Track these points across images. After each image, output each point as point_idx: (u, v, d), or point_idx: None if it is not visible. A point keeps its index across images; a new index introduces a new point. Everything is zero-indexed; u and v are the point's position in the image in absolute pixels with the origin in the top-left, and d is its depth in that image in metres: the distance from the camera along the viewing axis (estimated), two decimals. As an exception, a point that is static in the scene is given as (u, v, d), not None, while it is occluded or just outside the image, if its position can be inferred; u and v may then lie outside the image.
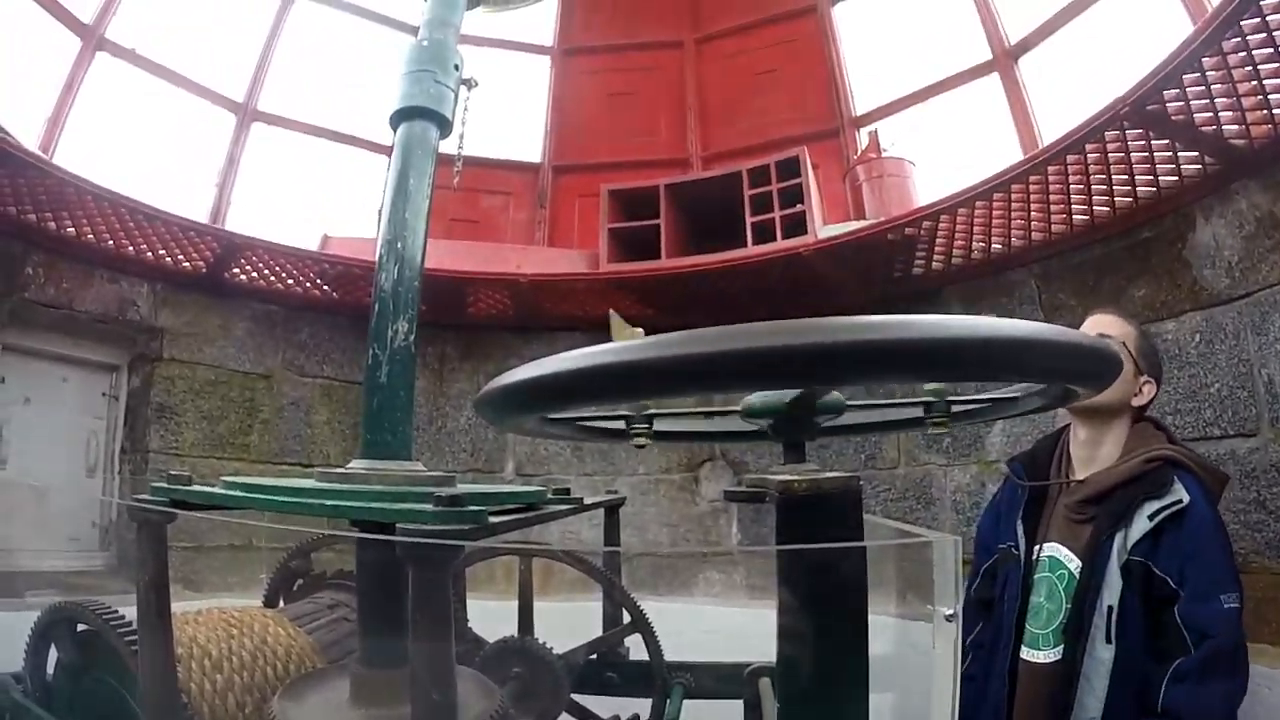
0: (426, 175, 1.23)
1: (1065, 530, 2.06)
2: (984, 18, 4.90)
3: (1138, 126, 2.98)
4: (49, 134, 4.45)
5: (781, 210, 4.46)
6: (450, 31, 1.33)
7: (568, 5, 6.26)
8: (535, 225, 6.01)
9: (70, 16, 4.58)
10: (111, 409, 4.31)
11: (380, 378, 1.15)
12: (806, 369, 0.69)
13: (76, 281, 4.01)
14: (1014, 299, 3.90)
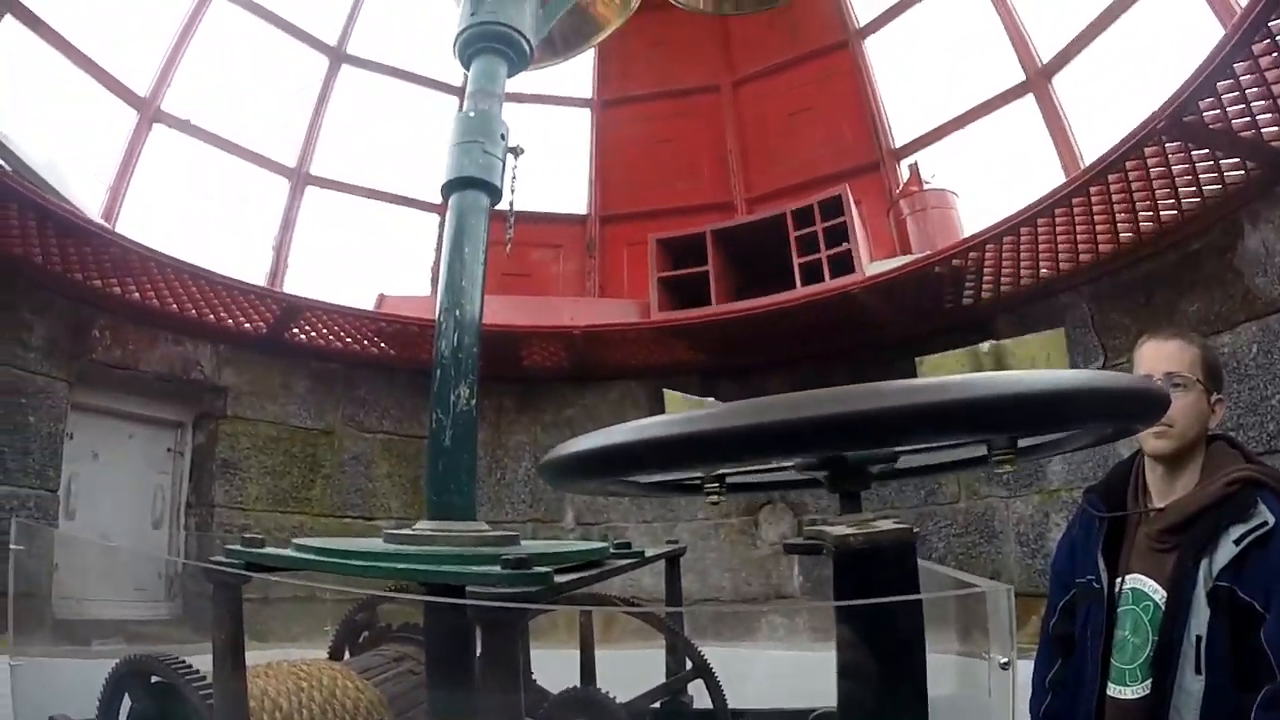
0: (480, 243, 1.28)
1: (1148, 560, 1.99)
2: (1014, 39, 4.89)
3: (1176, 139, 2.95)
4: (111, 202, 4.69)
5: (828, 250, 4.49)
6: (494, 101, 1.38)
7: (604, 57, 6.39)
8: (585, 275, 6.11)
9: (127, 91, 4.85)
10: (177, 464, 4.46)
11: (444, 441, 1.19)
12: (853, 436, 0.71)
13: (142, 343, 4.20)
14: (1067, 322, 3.83)
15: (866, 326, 4.36)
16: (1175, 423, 1.82)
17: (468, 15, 1.47)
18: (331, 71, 5.89)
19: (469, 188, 1.32)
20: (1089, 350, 3.74)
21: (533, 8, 1.50)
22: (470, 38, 1.45)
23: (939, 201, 4.78)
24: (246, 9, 5.45)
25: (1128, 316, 3.59)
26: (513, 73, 1.46)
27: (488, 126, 1.35)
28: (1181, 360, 1.99)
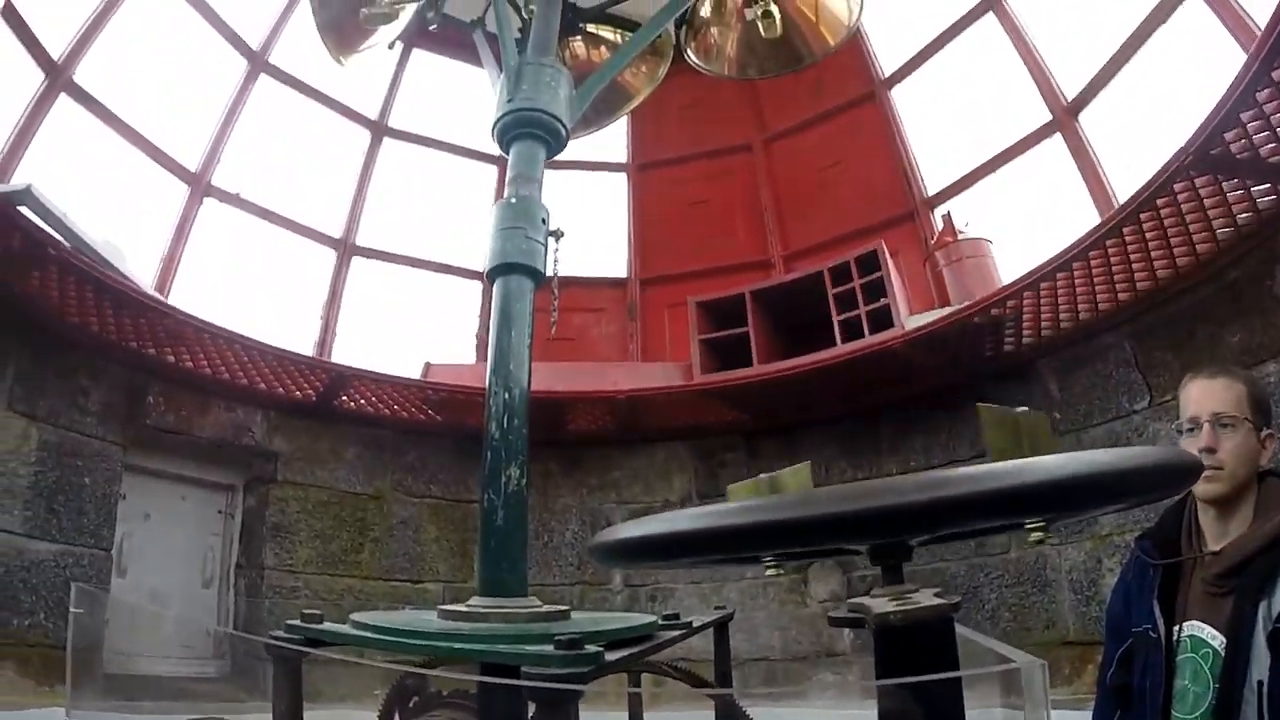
0: (526, 328, 1.34)
1: (1205, 606, 1.94)
2: (1038, 78, 4.93)
3: (1204, 173, 2.94)
4: (164, 273, 4.89)
5: (866, 305, 4.55)
6: (535, 187, 1.44)
7: (638, 121, 6.53)
8: (627, 338, 6.18)
9: (179, 166, 5.09)
10: (227, 526, 4.56)
11: (496, 520, 1.23)
12: (895, 527, 0.74)
13: (195, 409, 4.34)
14: (1109, 362, 3.81)
15: (908, 379, 4.37)
16: (1225, 464, 1.79)
17: (504, 101, 1.54)
18: (374, 144, 6.13)
19: (513, 273, 1.37)
20: (1134, 390, 3.69)
21: (567, 91, 1.57)
22: (508, 124, 1.52)
23: (974, 251, 4.78)
24: (291, 86, 5.72)
25: (1171, 352, 3.54)
26: (550, 156, 1.53)
27: (529, 212, 1.41)
28: (1227, 399, 1.94)
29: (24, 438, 3.58)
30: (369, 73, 6.02)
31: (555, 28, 1.73)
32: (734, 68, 2.60)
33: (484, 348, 5.87)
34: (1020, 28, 5.08)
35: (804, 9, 2.41)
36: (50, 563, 3.54)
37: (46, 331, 3.70)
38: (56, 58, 4.42)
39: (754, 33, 2.31)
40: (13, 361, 3.59)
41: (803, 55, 2.46)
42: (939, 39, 5.62)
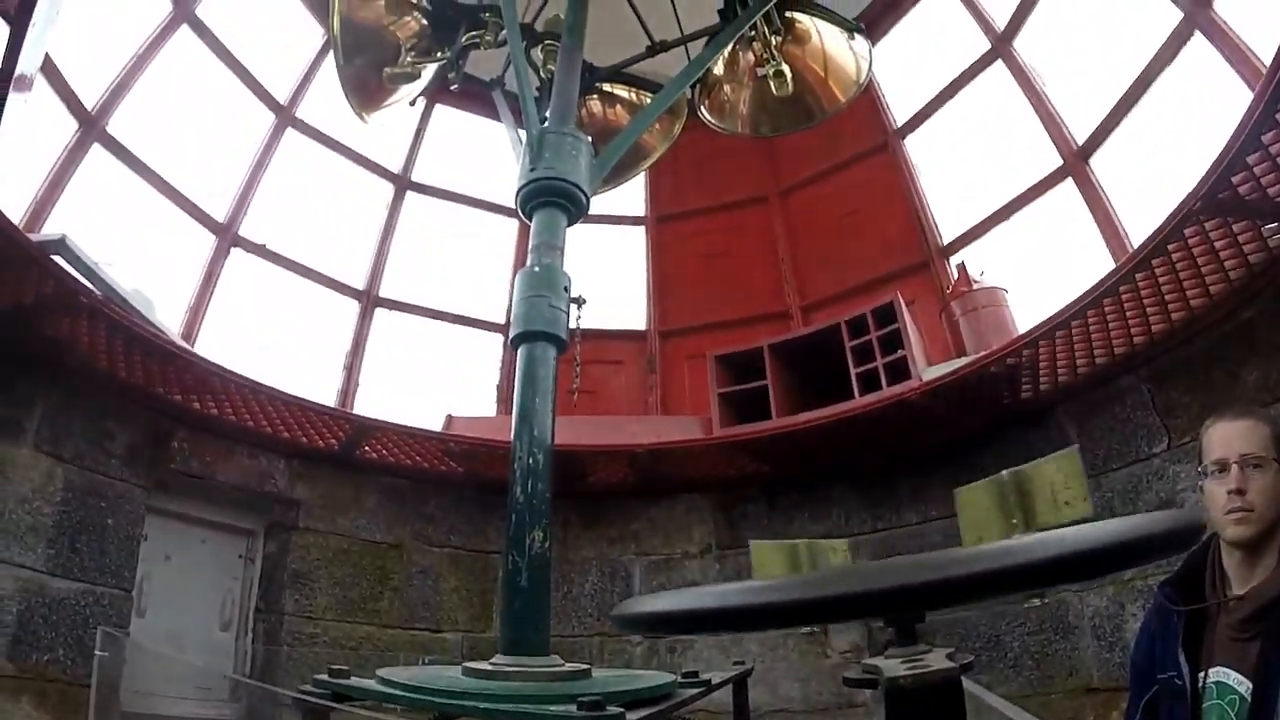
0: (549, 394, 1.39)
1: (1231, 651, 1.91)
2: (1047, 124, 4.98)
3: (1214, 216, 2.96)
4: (191, 320, 4.99)
5: (884, 357, 4.58)
6: (557, 255, 1.50)
7: (655, 174, 6.61)
8: (647, 390, 6.23)
9: (207, 217, 5.22)
10: (247, 570, 4.58)
11: (520, 582, 1.27)
12: (908, 604, 0.78)
13: (218, 455, 4.39)
14: (1127, 406, 3.79)
15: (926, 429, 4.38)
16: (1254, 505, 1.76)
17: (527, 170, 1.61)
18: (397, 197, 6.28)
19: (537, 340, 1.42)
20: (1152, 433, 3.67)
21: (587, 159, 1.63)
22: (531, 192, 1.58)
23: (989, 300, 4.80)
24: (317, 140, 5.88)
25: (1188, 394, 3.54)
26: (571, 223, 1.59)
27: (552, 280, 1.46)
28: (1254, 439, 1.88)
29: (49, 477, 3.64)
30: (393, 127, 6.20)
31: (575, 97, 1.81)
32: (747, 125, 2.67)
33: (505, 400, 5.95)
34: (1029, 74, 5.15)
35: (814, 67, 2.48)
36: (71, 601, 3.58)
37: (75, 375, 3.78)
38: (90, 108, 4.57)
39: (766, 91, 2.37)
40: (41, 403, 3.67)
41: (814, 112, 2.53)
42: (950, 87, 5.72)
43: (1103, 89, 4.61)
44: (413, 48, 2.26)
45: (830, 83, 2.50)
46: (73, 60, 4.35)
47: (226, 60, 5.41)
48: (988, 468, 4.21)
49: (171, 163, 5.01)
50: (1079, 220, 4.66)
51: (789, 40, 2.39)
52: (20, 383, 3.62)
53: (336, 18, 2.07)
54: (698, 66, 2.06)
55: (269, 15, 5.80)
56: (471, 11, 2.34)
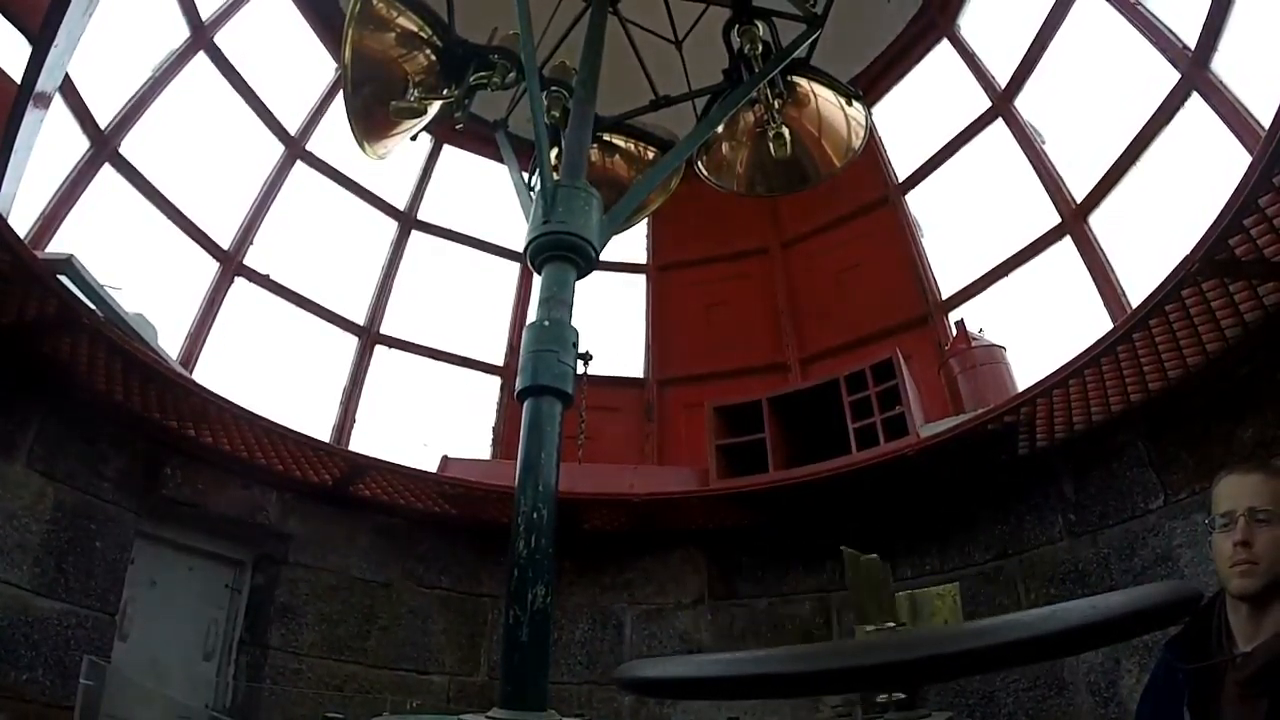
0: (554, 449, 1.39)
1: (1240, 710, 1.87)
2: (1047, 183, 5.06)
3: (1211, 277, 2.99)
4: (191, 347, 4.98)
5: (882, 413, 4.60)
6: (566, 310, 1.51)
7: (658, 223, 6.71)
8: (644, 438, 6.22)
9: (213, 244, 5.25)
10: (233, 601, 4.52)
11: (521, 636, 1.26)
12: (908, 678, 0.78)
13: (211, 484, 4.35)
14: (1124, 462, 3.80)
15: (923, 485, 4.40)
16: (1261, 559, 1.74)
17: (539, 222, 1.63)
18: (402, 235, 6.32)
19: (545, 395, 1.43)
20: (1149, 489, 3.68)
21: (598, 215, 1.65)
22: (542, 245, 1.60)
23: (987, 358, 4.84)
24: (325, 174, 5.95)
25: (1185, 450, 3.54)
26: (581, 276, 1.60)
27: (561, 336, 1.47)
28: (1263, 493, 1.85)
29: (40, 496, 3.60)
30: (400, 166, 6.29)
31: (586, 150, 1.84)
32: (743, 185, 2.71)
33: (501, 443, 5.94)
34: (1029, 132, 5.25)
35: (813, 130, 2.53)
36: (54, 621, 3.53)
37: (72, 395, 3.76)
38: (104, 127, 4.61)
39: (764, 151, 2.41)
40: (36, 420, 3.64)
41: (809, 175, 2.58)
42: (951, 144, 5.82)
43: (1102, 148, 4.70)
44: (420, 83, 2.28)
45: (827, 147, 2.54)
46: (89, 77, 4.39)
47: (240, 89, 5.50)
48: (983, 523, 4.23)
49: (180, 187, 5.05)
50: (1077, 277, 4.72)
51: (789, 103, 2.44)
52: (17, 399, 3.59)
53: (349, 47, 2.10)
54: (706, 129, 2.10)
55: (284, 45, 5.91)
56: (481, 52, 2.38)
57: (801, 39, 2.20)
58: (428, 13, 2.31)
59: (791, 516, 4.78)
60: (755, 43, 2.30)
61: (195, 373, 4.78)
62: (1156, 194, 4.44)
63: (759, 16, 2.31)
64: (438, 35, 2.33)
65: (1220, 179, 2.96)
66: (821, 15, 2.17)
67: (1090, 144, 4.87)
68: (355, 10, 2.10)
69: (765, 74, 2.22)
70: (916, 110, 6.21)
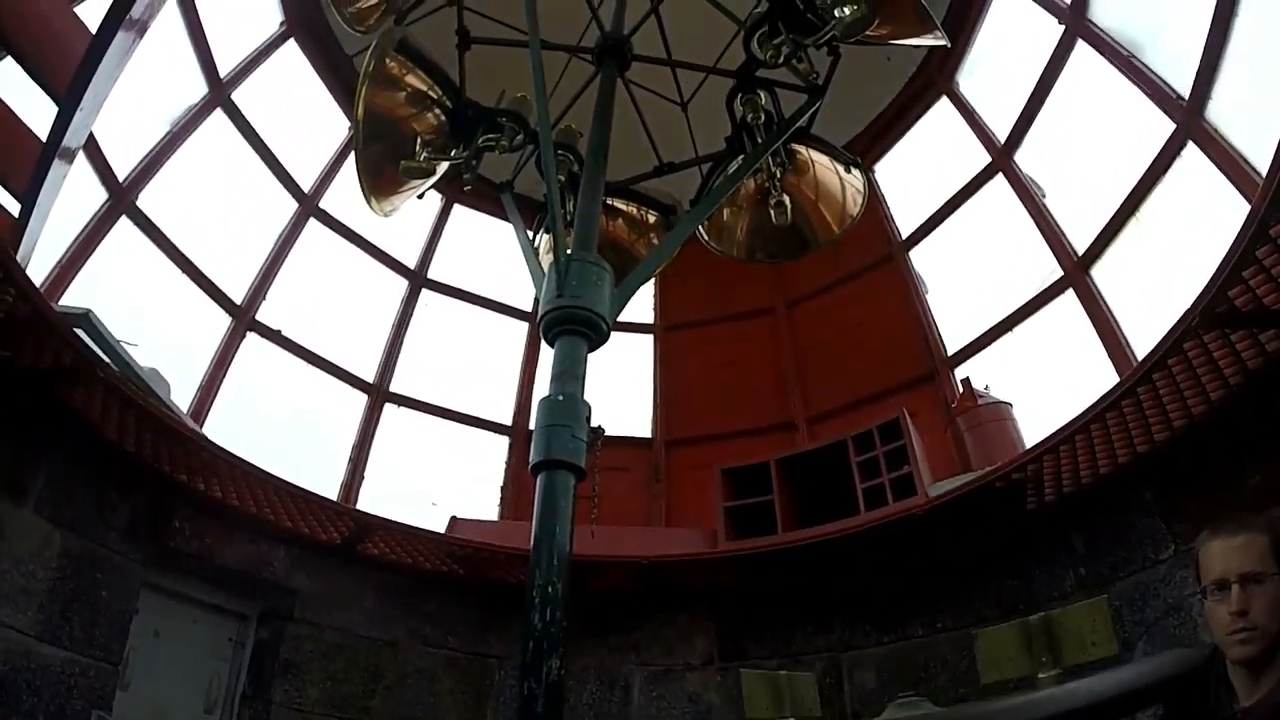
0: (568, 523, 1.41)
1: None
2: (1048, 236, 5.12)
3: (1212, 329, 3.01)
4: (202, 400, 5.02)
5: (889, 473, 4.61)
6: (578, 384, 1.54)
7: (664, 285, 6.82)
8: (652, 498, 6.22)
9: (226, 299, 5.32)
10: (237, 654, 4.49)
11: (536, 708, 1.26)
12: None
13: (218, 537, 4.35)
14: (1132, 513, 3.78)
15: (931, 543, 4.40)
16: (1258, 623, 1.70)
17: (553, 295, 1.66)
18: (412, 293, 6.42)
19: (558, 469, 1.45)
20: (1158, 539, 3.65)
21: (609, 288, 1.69)
22: (555, 319, 1.63)
23: (994, 415, 4.85)
24: (337, 232, 6.06)
25: (1192, 499, 3.53)
26: (593, 349, 1.64)
27: (574, 410, 1.50)
28: (1252, 555, 1.82)
29: (47, 542, 3.59)
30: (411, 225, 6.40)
31: (596, 222, 1.89)
32: (742, 251, 2.76)
33: (509, 503, 5.94)
34: (1029, 187, 5.32)
35: (812, 196, 2.58)
36: (56, 668, 3.50)
37: (83, 444, 3.77)
38: (122, 180, 4.70)
39: (764, 218, 2.45)
40: (45, 466, 3.64)
41: (809, 242, 2.62)
42: (952, 201, 5.91)
43: (1102, 199, 4.75)
44: (429, 143, 2.32)
45: (826, 213, 2.58)
46: (109, 129, 4.48)
47: (256, 146, 5.62)
48: (994, 579, 4.21)
49: (195, 241, 5.13)
50: (1081, 329, 4.75)
51: (789, 170, 2.50)
52: (28, 443, 3.59)
53: (361, 104, 2.16)
54: (712, 203, 2.15)
55: (300, 103, 6.04)
56: (489, 114, 2.43)
57: (803, 109, 2.26)
58: (439, 74, 2.37)
59: (801, 577, 4.77)
60: (758, 112, 2.36)
61: (205, 425, 4.82)
62: (1157, 243, 4.48)
63: (761, 86, 2.38)
64: (448, 96, 2.38)
65: (1219, 225, 3.01)
66: (822, 85, 2.24)
67: (1090, 196, 4.93)
68: (369, 69, 2.15)
69: (768, 146, 2.28)
70: (918, 167, 6.32)
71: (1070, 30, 5.01)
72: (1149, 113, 4.44)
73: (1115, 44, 4.68)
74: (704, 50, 3.23)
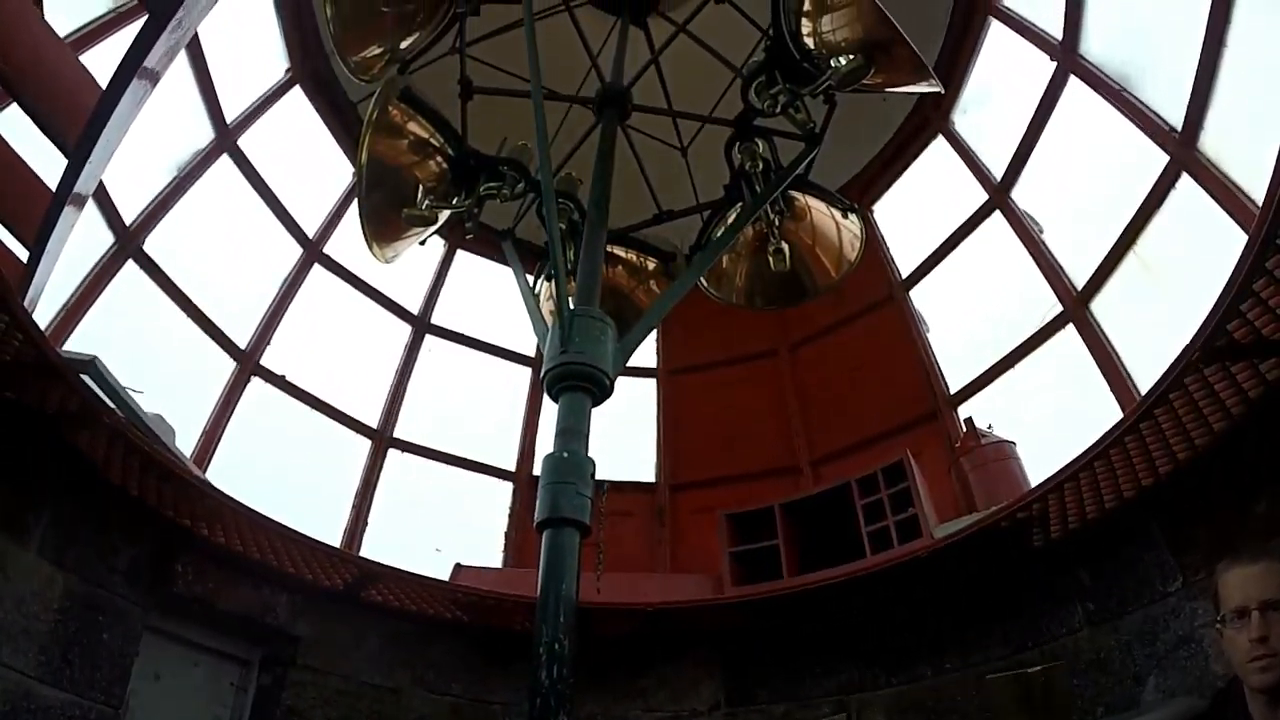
0: (574, 580, 1.41)
1: None
2: (1047, 272, 5.14)
3: (1212, 362, 3.03)
4: (206, 444, 5.00)
5: (894, 516, 4.62)
6: (583, 441, 1.55)
7: (668, 328, 6.85)
8: (656, 543, 6.18)
9: (231, 343, 5.34)
10: (238, 699, 4.45)
11: (543, 763, 1.26)
12: None
13: (221, 582, 4.34)
14: (1138, 546, 3.78)
15: (938, 584, 4.39)
16: (1278, 650, 1.70)
17: (556, 352, 1.67)
18: (415, 339, 6.44)
19: (564, 527, 1.46)
20: (1166, 571, 3.64)
21: (612, 343, 1.70)
22: (558, 375, 1.64)
23: (998, 454, 4.85)
24: (341, 277, 6.10)
25: (1199, 530, 3.53)
26: (596, 404, 1.65)
27: (580, 467, 1.51)
28: (1272, 583, 1.83)
29: (50, 583, 3.58)
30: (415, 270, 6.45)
31: (599, 276, 1.91)
32: (741, 297, 2.78)
33: (513, 549, 5.91)
34: (1027, 223, 5.35)
35: (810, 243, 2.61)
36: (57, 710, 3.47)
37: (87, 486, 3.77)
38: (129, 224, 4.74)
39: (763, 264, 2.47)
40: (49, 508, 3.64)
41: (806, 289, 2.65)
42: (951, 239, 5.95)
43: (1099, 233, 4.77)
44: (431, 190, 2.35)
45: (824, 259, 2.61)
46: (116, 173, 4.48)
47: (261, 191, 5.67)
48: (1002, 618, 4.19)
49: (200, 285, 5.15)
50: (1082, 363, 4.74)
51: (787, 217, 2.53)
52: (32, 484, 3.60)
53: (365, 151, 2.19)
54: (712, 255, 2.18)
55: (305, 149, 6.12)
56: (491, 163, 2.46)
57: (801, 158, 2.30)
58: (441, 122, 2.41)
59: (807, 621, 4.74)
60: (756, 160, 2.40)
61: (209, 469, 4.82)
62: (1156, 275, 4.49)
63: (759, 135, 2.42)
64: (450, 144, 2.42)
65: (1216, 253, 3.03)
66: (819, 134, 2.28)
67: (1088, 230, 4.96)
68: (372, 117, 2.19)
69: (767, 196, 2.31)
70: (916, 207, 6.38)
71: (1062, 66, 5.08)
72: (1143, 145, 4.46)
73: (1107, 78, 4.73)
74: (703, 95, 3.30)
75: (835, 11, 2.02)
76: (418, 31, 2.56)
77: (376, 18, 2.42)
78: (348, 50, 2.43)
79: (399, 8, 2.42)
